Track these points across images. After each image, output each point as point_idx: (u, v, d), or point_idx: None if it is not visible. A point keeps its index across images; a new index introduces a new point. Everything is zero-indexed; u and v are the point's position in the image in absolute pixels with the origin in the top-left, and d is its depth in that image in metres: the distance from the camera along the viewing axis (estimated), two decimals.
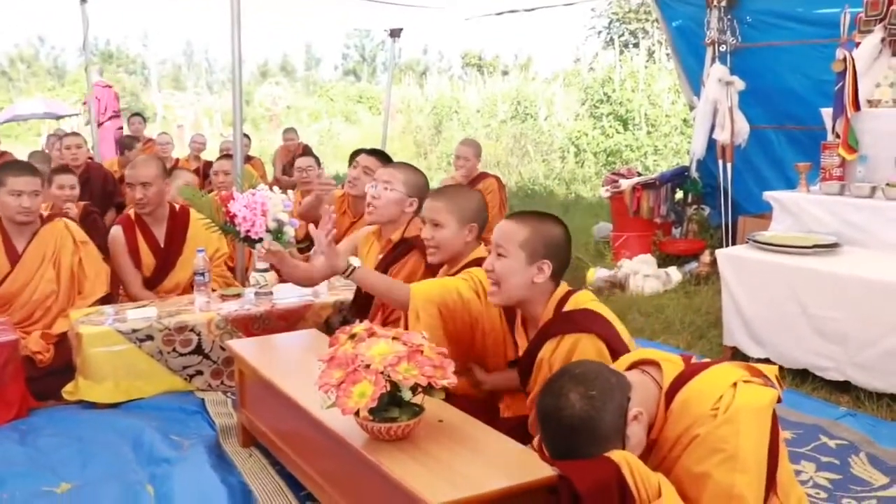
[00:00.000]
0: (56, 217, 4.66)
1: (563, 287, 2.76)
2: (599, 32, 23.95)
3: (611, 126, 14.40)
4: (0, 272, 4.35)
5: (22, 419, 3.77)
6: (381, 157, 4.88)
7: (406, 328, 3.00)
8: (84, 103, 15.47)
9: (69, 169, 6.18)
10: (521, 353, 2.85)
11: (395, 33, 10.42)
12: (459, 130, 17.31)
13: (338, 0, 8.00)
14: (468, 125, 17.69)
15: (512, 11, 9.08)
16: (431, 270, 3.43)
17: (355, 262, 3.17)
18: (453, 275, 3.19)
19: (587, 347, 2.55)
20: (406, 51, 35.10)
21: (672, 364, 2.26)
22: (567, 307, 2.68)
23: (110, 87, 13.70)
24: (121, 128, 11.91)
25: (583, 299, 2.72)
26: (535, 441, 2.37)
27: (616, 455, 2.04)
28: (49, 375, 4.08)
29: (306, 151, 8.56)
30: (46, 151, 9.10)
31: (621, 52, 16.82)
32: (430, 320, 2.92)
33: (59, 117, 19.13)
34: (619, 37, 21.49)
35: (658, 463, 2.17)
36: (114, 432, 3.56)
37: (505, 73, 24.26)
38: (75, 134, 8.07)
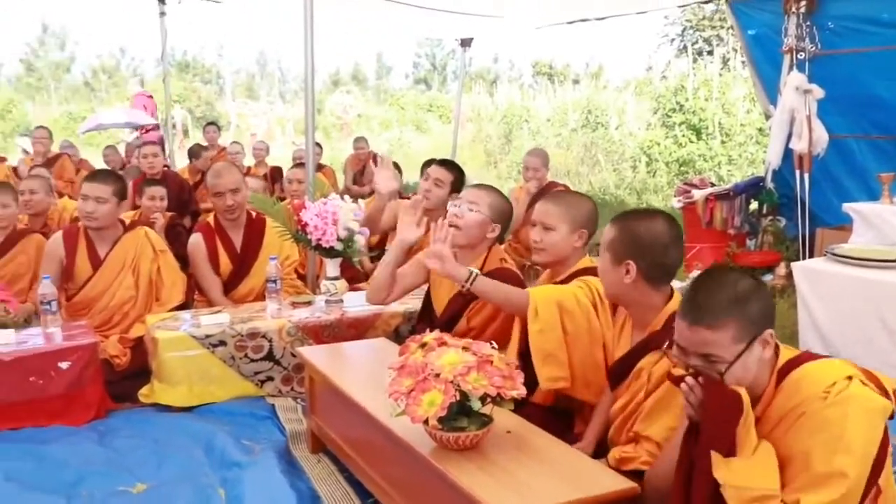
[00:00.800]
0: (139, 225, 4.79)
1: (677, 298, 2.66)
2: (672, 40, 23.63)
3: (683, 135, 14.19)
4: (82, 276, 4.51)
5: (100, 420, 3.88)
6: (452, 168, 4.87)
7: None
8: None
9: (159, 181, 6.37)
10: (612, 353, 2.83)
11: (465, 42, 10.46)
12: (529, 139, 17.26)
13: (409, 10, 8.05)
14: (538, 134, 17.63)
15: (583, 20, 9.03)
16: None
17: (474, 269, 3.20)
18: (561, 283, 3.19)
19: None
20: (477, 59, 35.16)
21: (788, 350, 2.22)
22: None
23: (151, 97, 14.16)
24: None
25: None
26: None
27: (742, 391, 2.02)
28: (126, 378, 4.20)
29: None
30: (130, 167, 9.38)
31: (695, 61, 16.57)
32: (549, 317, 2.93)
33: (138, 127, 19.64)
34: (693, 44, 21.17)
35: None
36: (187, 435, 3.64)
37: (576, 81, 24.12)
38: (152, 143, 8.29)
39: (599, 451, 2.73)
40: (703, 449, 2.03)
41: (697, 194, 7.30)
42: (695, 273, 6.67)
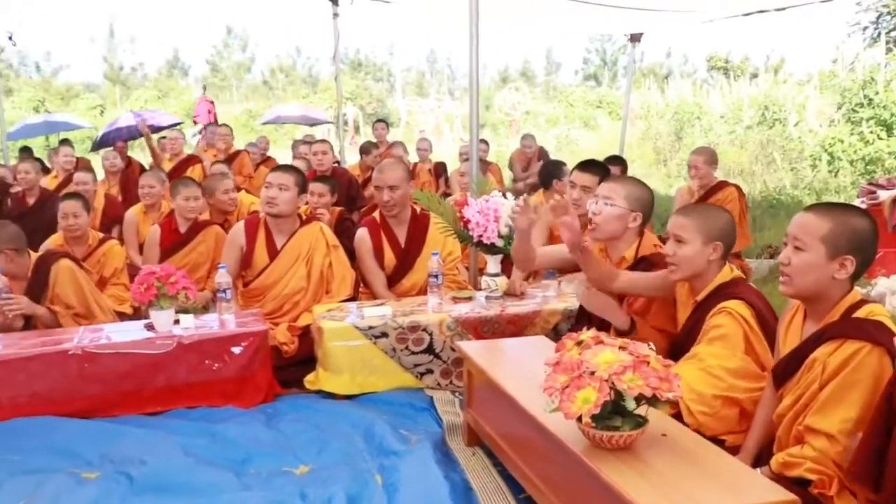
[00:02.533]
0: (313, 220, 4.99)
1: (856, 293, 2.58)
2: (865, 28, 22.17)
3: (871, 132, 13.35)
4: (259, 265, 4.75)
5: (268, 404, 4.08)
6: (596, 169, 4.72)
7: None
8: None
9: (324, 177, 6.61)
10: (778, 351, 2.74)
11: (635, 38, 10.27)
12: (701, 137, 16.73)
13: (579, 5, 7.97)
14: (711, 131, 17.04)
15: (761, 12, 8.66)
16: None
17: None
18: (701, 303, 3.12)
19: (871, 359, 2.39)
20: (648, 54, 34.57)
21: None
22: (859, 314, 2.51)
23: (212, 101, 15.48)
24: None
25: (878, 311, 2.53)
26: None
27: None
28: (293, 365, 4.39)
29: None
30: (295, 159, 9.75)
31: (888, 51, 15.54)
32: (712, 408, 2.85)
33: (313, 123, 20.43)
34: (887, 32, 19.80)
35: None
36: (348, 422, 3.76)
37: (754, 75, 23.17)
38: (323, 141, 8.60)
39: (759, 461, 2.63)
40: None
41: (884, 195, 6.87)
42: (879, 280, 6.29)
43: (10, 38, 8.50)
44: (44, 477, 3.23)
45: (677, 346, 3.18)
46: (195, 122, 16.78)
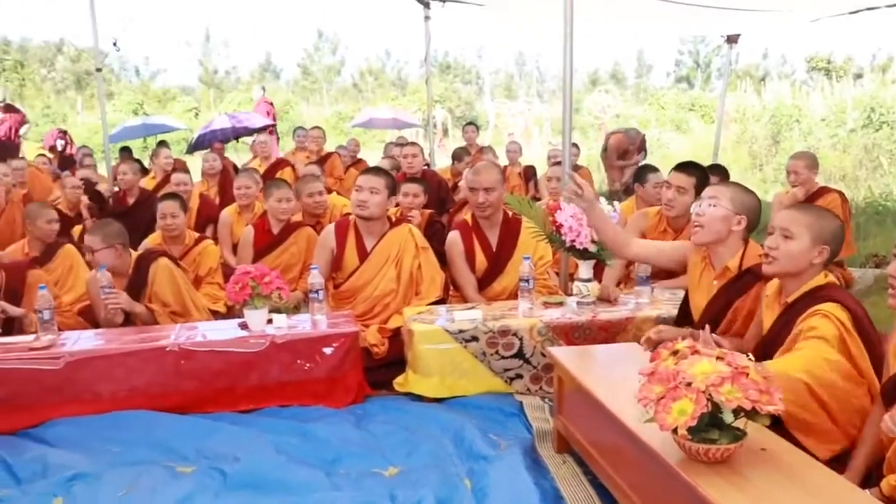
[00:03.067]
0: (403, 222, 5.02)
1: None
2: None
3: None
4: (350, 267, 4.80)
5: (358, 404, 4.11)
6: (692, 170, 4.70)
7: None
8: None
9: (416, 178, 6.66)
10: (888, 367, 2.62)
11: (732, 39, 10.03)
12: (800, 141, 16.24)
13: (672, 6, 7.83)
14: (810, 135, 16.53)
15: (870, 9, 8.33)
16: None
17: None
18: (791, 304, 3.00)
19: None
20: (744, 55, 33.73)
21: None
22: None
23: (272, 103, 16.04)
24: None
25: None
26: None
27: None
28: (383, 367, 4.42)
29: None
30: (383, 158, 9.86)
31: None
32: (798, 397, 2.68)
33: (402, 127, 20.61)
34: None
35: None
36: (437, 425, 3.76)
37: (858, 76, 22.43)
38: (413, 144, 8.68)
39: (868, 481, 2.52)
40: None
41: None
42: None
43: (115, 45, 8.77)
44: (142, 469, 3.33)
45: (763, 349, 3.05)
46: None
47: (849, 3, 8.27)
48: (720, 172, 6.78)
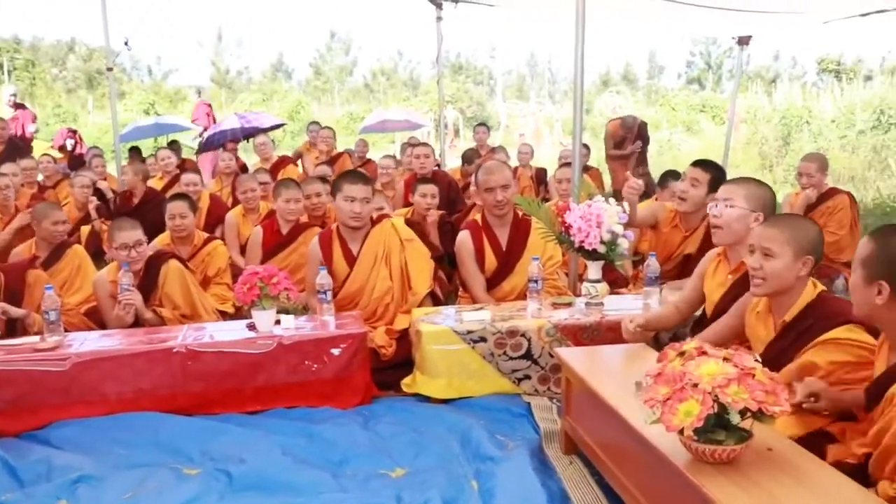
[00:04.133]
0: (385, 218, 5.02)
1: None
2: None
3: None
4: (341, 275, 4.81)
5: (365, 406, 4.11)
6: (709, 166, 4.72)
7: None
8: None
9: (430, 179, 6.67)
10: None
11: (743, 41, 9.98)
12: (810, 142, 16.19)
13: (683, 7, 7.80)
14: (820, 136, 16.48)
15: (880, 11, 8.29)
16: None
17: None
18: (791, 324, 2.97)
19: None
20: (755, 57, 33.69)
21: None
22: None
23: (210, 104, 15.62)
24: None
25: None
26: None
27: None
28: (390, 368, 4.41)
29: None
30: (398, 158, 9.86)
31: None
32: None
33: (414, 128, 20.59)
34: None
35: None
36: (444, 426, 3.75)
37: (868, 78, 22.35)
38: (425, 144, 8.69)
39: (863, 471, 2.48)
40: None
41: None
42: None
43: (126, 44, 8.80)
44: (148, 471, 3.34)
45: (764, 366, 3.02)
46: (194, 124, 16.91)
47: (860, 6, 8.23)
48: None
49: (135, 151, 12.58)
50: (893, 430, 2.30)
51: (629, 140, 11.33)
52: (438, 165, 9.43)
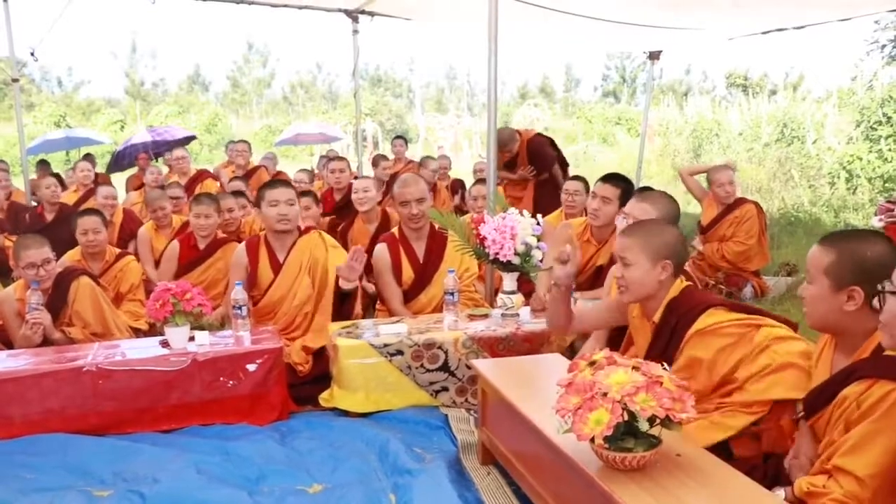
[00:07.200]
0: (312, 229, 5.01)
1: None
2: (883, 46, 22.03)
3: (889, 149, 13.28)
4: (265, 282, 4.77)
5: (282, 421, 4.07)
6: (617, 181, 4.78)
7: None
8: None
9: (305, 191, 6.66)
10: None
11: (654, 55, 10.25)
12: (719, 154, 16.68)
13: (598, 23, 7.96)
14: (729, 148, 16.98)
15: (779, 30, 8.64)
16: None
17: None
18: (659, 324, 3.07)
19: None
20: (668, 71, 34.55)
21: None
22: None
23: None
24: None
25: None
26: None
27: None
28: (308, 382, 4.39)
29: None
30: (315, 171, 9.80)
31: None
32: None
33: (331, 140, 20.53)
34: None
35: None
36: (362, 440, 3.75)
37: (773, 92, 23.11)
38: (341, 158, 8.66)
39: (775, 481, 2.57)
40: None
41: None
42: None
43: (32, 54, 8.56)
44: (56, 495, 3.22)
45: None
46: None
47: (760, 24, 8.55)
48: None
49: (43, 164, 12.23)
50: (839, 430, 2.37)
51: (521, 158, 8.85)
52: (356, 178, 9.41)
